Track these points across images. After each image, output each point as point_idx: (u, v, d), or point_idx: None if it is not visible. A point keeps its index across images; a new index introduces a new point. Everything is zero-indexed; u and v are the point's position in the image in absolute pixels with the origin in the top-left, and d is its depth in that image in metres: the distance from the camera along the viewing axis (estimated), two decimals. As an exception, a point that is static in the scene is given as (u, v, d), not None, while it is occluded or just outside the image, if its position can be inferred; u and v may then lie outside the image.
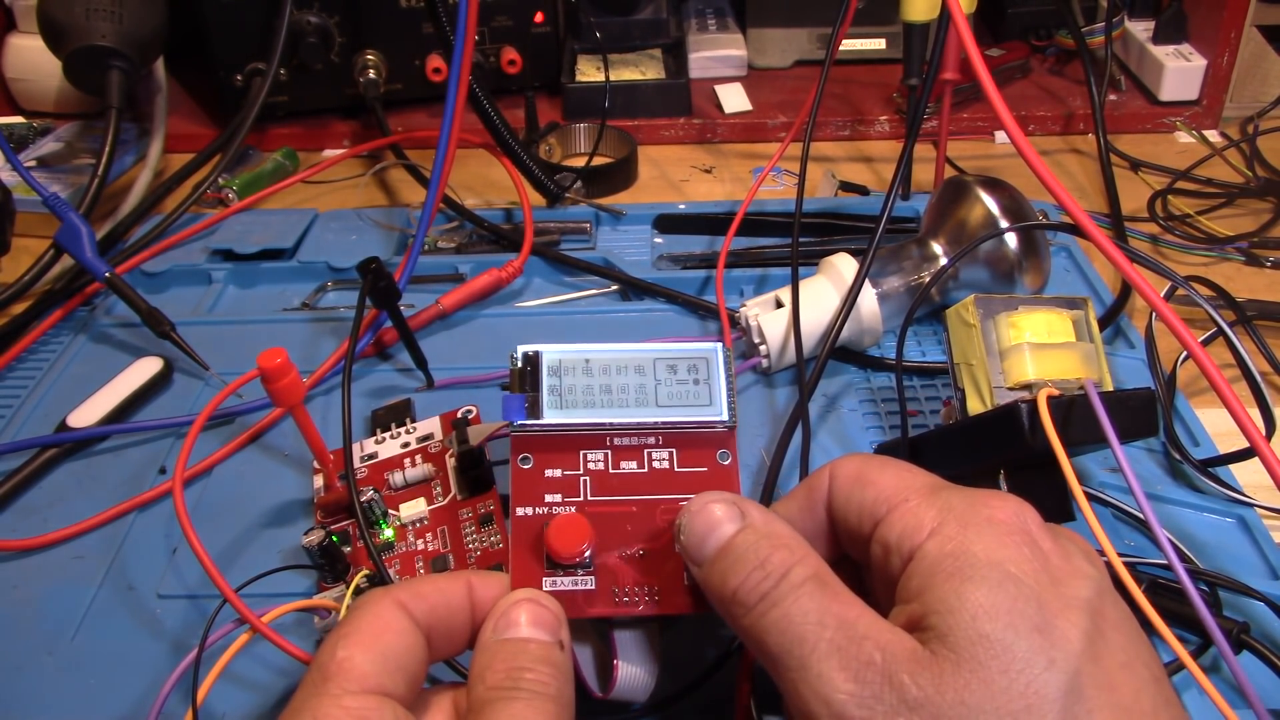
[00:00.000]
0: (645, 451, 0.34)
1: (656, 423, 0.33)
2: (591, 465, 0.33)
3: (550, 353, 0.34)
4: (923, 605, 0.26)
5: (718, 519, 0.30)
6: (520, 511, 0.33)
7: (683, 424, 0.33)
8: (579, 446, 0.33)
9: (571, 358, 0.34)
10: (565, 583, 0.32)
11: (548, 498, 0.33)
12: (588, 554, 0.32)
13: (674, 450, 0.34)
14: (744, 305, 0.52)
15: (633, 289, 0.58)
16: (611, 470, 0.33)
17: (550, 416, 0.33)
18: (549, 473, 0.33)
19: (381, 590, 0.30)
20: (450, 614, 0.30)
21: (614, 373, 0.34)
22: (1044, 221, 0.53)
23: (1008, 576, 0.26)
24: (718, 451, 0.34)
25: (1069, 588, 0.26)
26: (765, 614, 0.27)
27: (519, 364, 0.33)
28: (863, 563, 0.31)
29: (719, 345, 0.34)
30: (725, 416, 0.34)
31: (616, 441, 0.34)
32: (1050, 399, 0.35)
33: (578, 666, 0.34)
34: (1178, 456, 0.45)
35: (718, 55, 0.82)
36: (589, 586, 0.32)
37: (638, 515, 0.33)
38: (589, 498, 0.33)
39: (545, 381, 0.33)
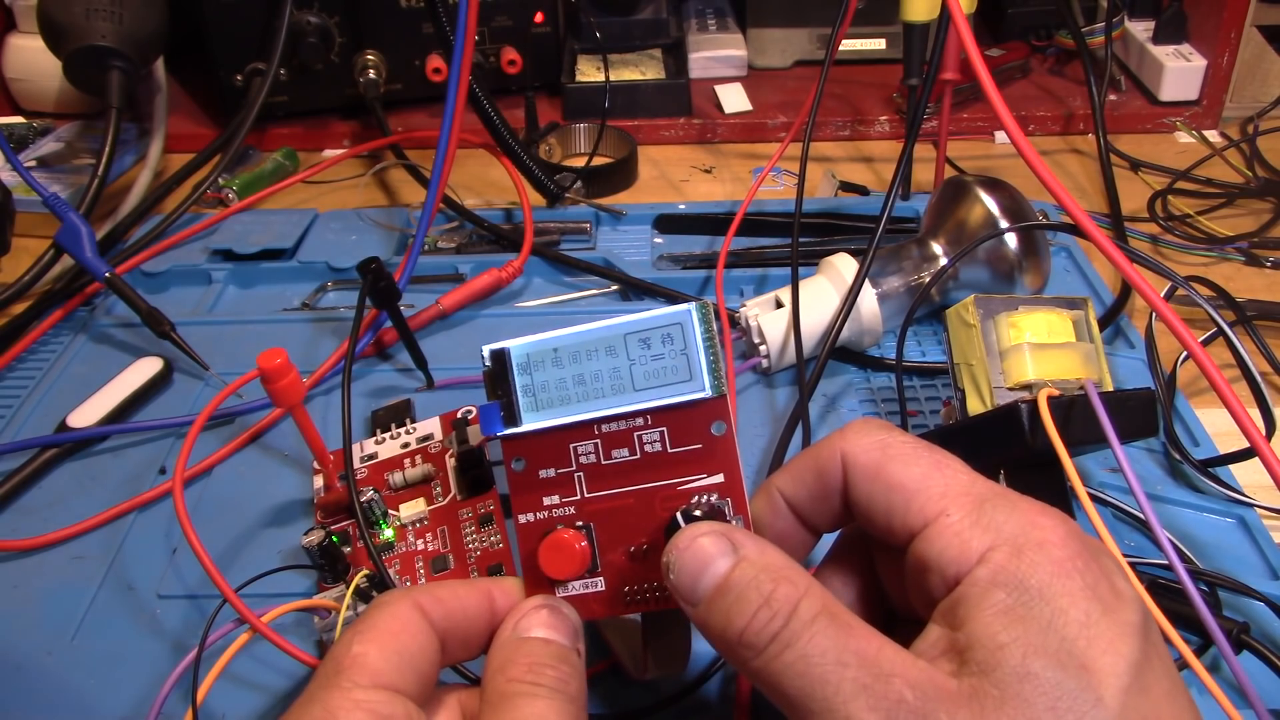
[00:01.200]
0: (635, 435, 0.32)
1: (636, 410, 0.31)
2: (583, 459, 0.32)
3: (517, 348, 0.32)
4: (968, 637, 0.25)
5: (709, 554, 0.28)
6: (523, 519, 0.32)
7: (663, 407, 0.31)
8: (568, 440, 0.32)
9: (539, 350, 0.31)
10: (576, 587, 0.32)
11: (546, 500, 0.32)
12: (586, 569, 0.31)
13: (665, 429, 0.32)
14: (744, 305, 0.52)
15: (633, 289, 0.58)
16: (604, 461, 0.32)
17: (528, 421, 0.31)
18: (543, 473, 0.32)
19: (401, 591, 0.30)
20: (468, 621, 0.30)
21: (584, 359, 0.31)
22: (1044, 221, 0.53)
23: (1060, 613, 0.25)
24: (711, 424, 0.31)
25: (1120, 615, 0.25)
26: (778, 656, 0.26)
27: (488, 365, 0.32)
28: (881, 540, 0.30)
29: (692, 307, 0.31)
30: (707, 389, 0.31)
31: (604, 429, 0.32)
32: (1050, 399, 0.35)
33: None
34: (1178, 456, 0.45)
35: (718, 55, 0.82)
36: (599, 589, 0.32)
37: (636, 507, 0.32)
38: (585, 494, 0.32)
39: (516, 381, 0.32)
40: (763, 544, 0.28)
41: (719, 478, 0.32)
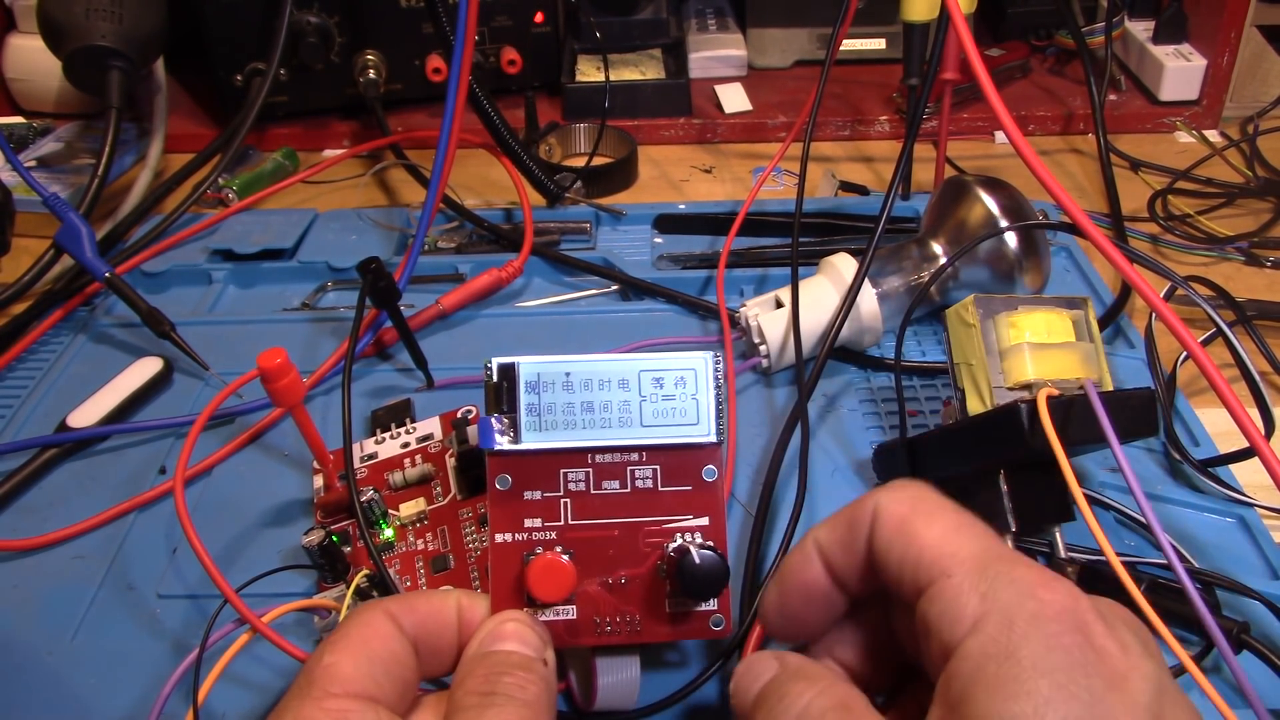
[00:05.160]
0: (628, 469, 0.32)
1: (640, 444, 0.32)
2: (572, 486, 0.32)
3: (527, 366, 0.31)
4: (963, 717, 0.24)
5: (758, 672, 0.29)
6: (500, 538, 0.32)
7: (668, 445, 0.32)
8: (559, 465, 0.32)
9: (550, 371, 0.31)
10: (547, 614, 0.32)
11: (527, 522, 0.32)
12: (567, 596, 0.31)
13: (658, 467, 0.32)
14: (744, 305, 0.52)
15: (633, 289, 0.58)
16: (593, 491, 0.32)
17: (529, 440, 0.31)
18: (528, 495, 0.32)
19: (373, 602, 0.30)
20: (440, 629, 0.30)
21: (596, 388, 0.31)
22: (1044, 221, 0.53)
23: (1058, 689, 0.23)
24: (703, 468, 0.32)
25: (1128, 692, 0.24)
26: None
27: (494, 378, 0.31)
28: (900, 599, 0.29)
29: (709, 355, 0.32)
30: (712, 435, 0.32)
31: (598, 459, 0.32)
32: (1050, 399, 0.35)
33: (569, 681, 0.34)
34: (1178, 456, 0.45)
35: (718, 55, 0.82)
36: (570, 617, 0.32)
37: (620, 539, 0.32)
38: (570, 521, 0.32)
39: (523, 399, 0.31)
40: (804, 659, 0.30)
41: (704, 520, 0.32)
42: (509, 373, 0.31)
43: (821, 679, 0.28)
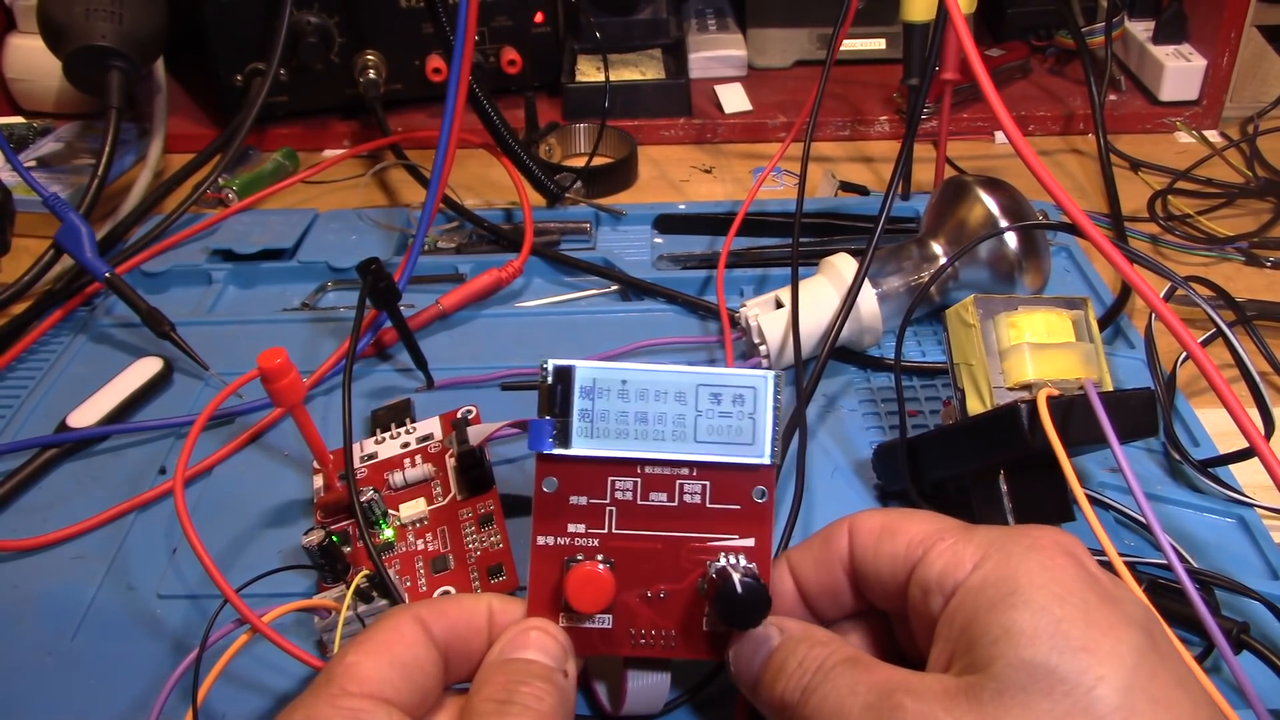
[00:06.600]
0: (678, 483, 0.31)
1: (692, 460, 0.31)
2: (619, 494, 0.31)
3: (584, 370, 0.31)
4: (967, 639, 0.26)
5: (759, 640, 0.30)
6: (541, 540, 0.31)
7: (721, 465, 0.31)
8: (608, 473, 0.31)
9: (607, 377, 0.31)
10: (584, 620, 0.31)
11: (570, 527, 0.31)
12: (606, 606, 0.31)
13: (708, 483, 0.32)
14: (744, 305, 0.52)
15: (633, 289, 0.58)
16: (640, 501, 0.31)
17: (579, 446, 0.31)
18: (574, 499, 0.31)
19: (404, 606, 0.30)
20: (470, 633, 0.30)
21: (652, 398, 0.31)
22: (1044, 221, 0.53)
23: (1053, 597, 0.25)
24: (755, 488, 0.32)
25: (1122, 606, 0.26)
26: (806, 703, 0.28)
27: (549, 381, 0.31)
28: (895, 614, 0.31)
29: (770, 374, 0.31)
30: (767, 458, 0.31)
31: (648, 470, 0.31)
32: (1050, 399, 0.35)
33: (593, 686, 0.34)
34: (1177, 457, 0.45)
35: (718, 55, 0.82)
36: (606, 626, 0.31)
37: (662, 553, 0.32)
38: (613, 530, 0.31)
39: (576, 404, 0.31)
40: (805, 624, 0.31)
41: (750, 541, 0.32)
42: (565, 376, 0.31)
43: (828, 639, 0.29)
